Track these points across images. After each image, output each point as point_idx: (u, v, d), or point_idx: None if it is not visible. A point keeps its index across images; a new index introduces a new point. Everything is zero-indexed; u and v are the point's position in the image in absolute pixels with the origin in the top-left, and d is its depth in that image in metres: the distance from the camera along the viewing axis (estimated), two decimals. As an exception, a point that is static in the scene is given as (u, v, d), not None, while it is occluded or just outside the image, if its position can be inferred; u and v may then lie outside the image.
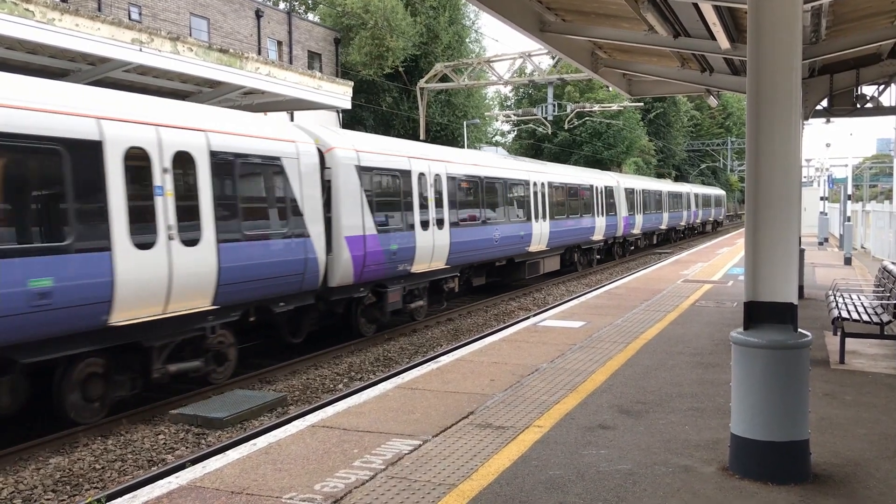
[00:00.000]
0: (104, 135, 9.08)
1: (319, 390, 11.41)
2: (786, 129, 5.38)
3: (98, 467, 8.18)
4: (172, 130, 10.09)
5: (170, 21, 28.41)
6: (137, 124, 9.62)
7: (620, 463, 5.81)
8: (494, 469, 5.70)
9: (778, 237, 5.39)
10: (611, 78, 15.39)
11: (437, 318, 17.36)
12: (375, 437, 6.56)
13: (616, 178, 33.97)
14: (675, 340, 10.91)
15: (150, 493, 5.42)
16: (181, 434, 9.25)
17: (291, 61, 34.37)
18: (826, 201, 39.99)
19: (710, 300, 15.30)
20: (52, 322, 8.40)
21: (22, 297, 8.03)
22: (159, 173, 9.78)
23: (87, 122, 8.93)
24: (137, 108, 9.90)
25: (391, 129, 38.55)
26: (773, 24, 5.36)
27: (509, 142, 61.78)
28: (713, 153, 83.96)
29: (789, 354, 5.29)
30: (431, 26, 41.48)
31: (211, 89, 15.11)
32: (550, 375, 8.78)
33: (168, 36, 13.11)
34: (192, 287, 10.17)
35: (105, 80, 12.77)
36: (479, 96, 46.99)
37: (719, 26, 9.82)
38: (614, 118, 52.12)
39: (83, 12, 11.85)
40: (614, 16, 10.94)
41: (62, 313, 8.46)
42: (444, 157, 17.77)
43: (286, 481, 5.54)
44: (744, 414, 5.42)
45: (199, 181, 10.43)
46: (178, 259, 9.91)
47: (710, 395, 7.83)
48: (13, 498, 7.37)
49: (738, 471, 5.50)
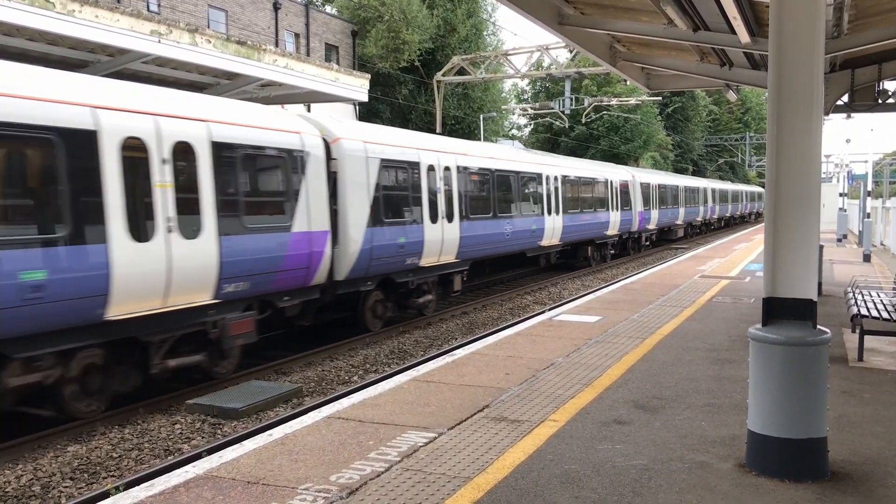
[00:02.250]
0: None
1: (334, 382, 11.45)
2: (807, 124, 5.34)
3: (115, 456, 8.24)
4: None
5: (188, 13, 28.50)
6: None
7: (636, 458, 5.79)
8: (510, 462, 5.70)
9: (798, 233, 5.35)
10: (629, 72, 15.29)
11: (451, 312, 17.36)
12: (391, 429, 6.58)
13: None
14: (692, 336, 10.86)
15: (168, 481, 5.46)
16: (197, 424, 9.30)
17: (309, 54, 34.41)
18: (845, 198, 39.62)
19: (726, 296, 15.22)
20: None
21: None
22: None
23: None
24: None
25: (408, 122, 38.54)
26: (796, 18, 5.30)
27: (526, 135, 61.63)
28: (731, 148, 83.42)
29: (808, 351, 5.26)
30: (448, 19, 41.42)
31: (229, 81, 15.15)
32: (566, 370, 8.77)
33: (186, 27, 13.15)
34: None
35: (124, 72, 12.84)
36: (496, 90, 46.89)
37: (740, 20, 9.73)
38: (632, 112, 51.86)
39: (103, 3, 11.91)
40: (633, 9, 10.87)
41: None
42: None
43: (302, 472, 5.56)
44: (761, 410, 5.39)
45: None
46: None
47: (726, 391, 7.79)
48: (32, 485, 7.45)
49: (755, 467, 5.47)
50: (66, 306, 8.42)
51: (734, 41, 11.05)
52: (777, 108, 5.41)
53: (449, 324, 16.29)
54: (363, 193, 13.62)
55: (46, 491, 7.35)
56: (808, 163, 5.35)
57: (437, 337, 14.88)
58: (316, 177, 12.44)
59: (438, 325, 16.15)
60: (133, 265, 9.13)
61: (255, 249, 11.03)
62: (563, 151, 49.37)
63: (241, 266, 10.78)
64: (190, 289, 9.99)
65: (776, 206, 5.42)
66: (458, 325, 16.21)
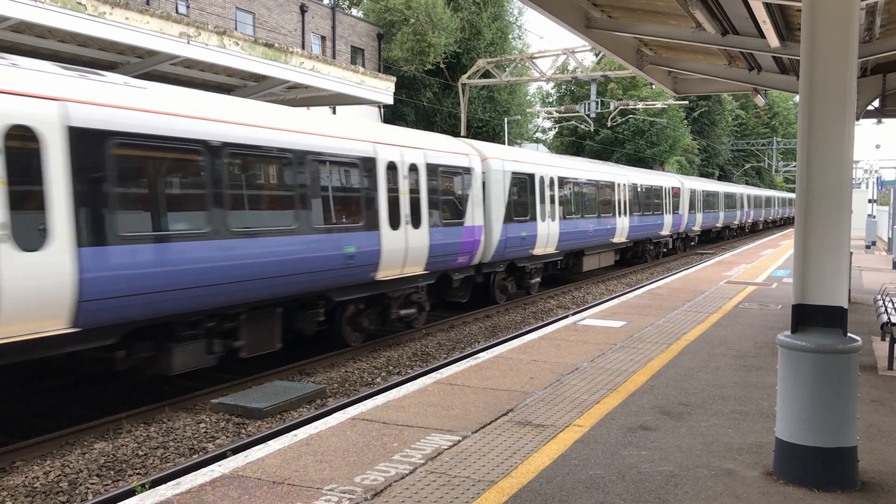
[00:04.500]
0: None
1: (358, 383, 11.48)
2: (839, 129, 5.28)
3: (141, 454, 8.31)
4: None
5: (216, 15, 28.75)
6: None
7: (662, 464, 5.75)
8: (534, 467, 5.68)
9: (828, 239, 5.29)
10: (656, 75, 15.20)
11: (474, 315, 17.35)
12: (415, 431, 6.58)
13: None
14: (718, 342, 10.77)
15: (194, 480, 5.50)
16: (221, 423, 9.36)
17: (335, 56, 34.58)
18: (874, 204, 39.13)
19: (753, 302, 15.08)
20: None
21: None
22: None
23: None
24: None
25: (433, 125, 38.57)
26: (829, 22, 5.25)
27: (550, 139, 61.43)
28: (758, 153, 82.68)
29: (838, 359, 5.19)
30: (474, 22, 41.41)
31: (256, 83, 15.26)
32: (591, 375, 8.73)
33: (215, 30, 13.26)
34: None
35: (152, 73, 12.97)
36: (521, 93, 46.82)
37: (769, 24, 9.64)
38: (658, 116, 51.53)
39: (133, 6, 12.04)
40: (661, 12, 10.80)
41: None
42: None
43: (326, 473, 5.58)
44: (790, 418, 5.33)
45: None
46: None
47: (753, 398, 7.71)
48: (60, 481, 7.53)
49: (782, 476, 5.41)
50: (361, 270, 12.61)
51: (763, 45, 10.95)
52: (808, 112, 5.35)
53: (472, 327, 16.27)
54: (501, 198, 17.82)
55: (74, 487, 7.43)
56: (839, 168, 5.29)
57: (461, 340, 14.87)
58: (476, 185, 16.76)
59: (461, 328, 16.15)
60: (389, 245, 13.32)
61: (446, 236, 15.26)
62: (587, 155, 49.24)
63: (440, 248, 15.01)
64: (414, 262, 14.29)
65: (807, 211, 5.36)
66: (480, 328, 16.19)
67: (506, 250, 17.93)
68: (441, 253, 15.07)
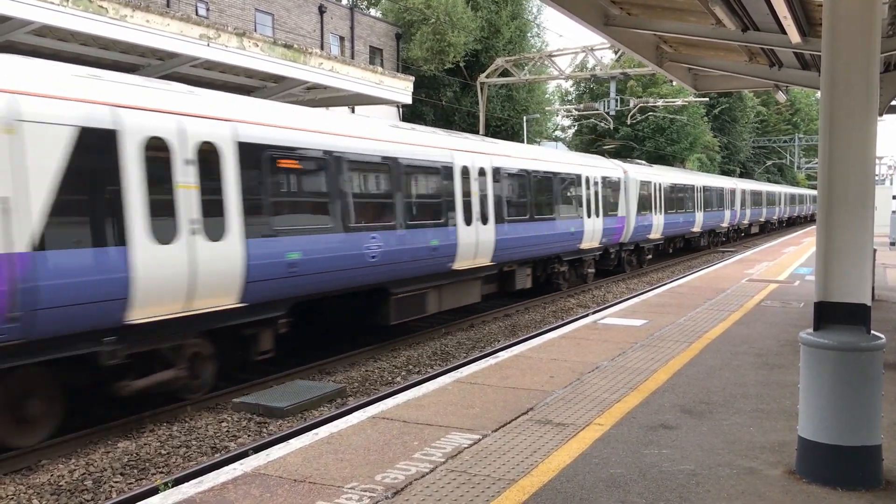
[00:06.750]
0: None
1: (378, 382, 11.51)
2: (861, 125, 5.22)
3: (164, 452, 8.39)
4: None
5: (235, 16, 28.92)
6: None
7: (683, 463, 5.73)
8: (555, 466, 5.68)
9: (851, 236, 5.24)
10: (676, 72, 15.10)
11: (493, 314, 17.35)
12: (435, 430, 6.60)
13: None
14: (740, 340, 10.69)
15: (216, 478, 5.54)
16: (243, 422, 9.43)
17: (353, 56, 34.67)
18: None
19: (775, 300, 14.96)
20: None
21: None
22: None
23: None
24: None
25: (451, 124, 38.58)
26: (850, 17, 5.20)
27: (569, 137, 61.19)
28: (780, 150, 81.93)
29: (862, 357, 5.14)
30: (493, 21, 41.35)
31: (275, 84, 15.33)
32: (611, 373, 8.70)
33: (234, 31, 13.35)
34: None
35: (173, 75, 13.07)
36: (540, 91, 46.69)
37: (790, 19, 9.55)
38: (678, 113, 51.18)
39: (153, 8, 12.15)
40: (680, 9, 10.73)
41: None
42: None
43: (347, 471, 5.60)
44: (812, 416, 5.29)
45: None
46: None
47: (775, 396, 7.66)
48: (84, 479, 7.62)
49: (805, 474, 5.37)
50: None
51: (784, 41, 10.85)
52: (830, 108, 5.30)
53: (491, 326, 16.27)
54: (634, 199, 25.61)
55: (98, 485, 7.52)
56: (861, 165, 5.24)
57: (480, 339, 14.87)
58: (623, 190, 24.85)
59: (481, 327, 16.15)
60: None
61: (610, 221, 23.54)
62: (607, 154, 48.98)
63: (608, 232, 23.58)
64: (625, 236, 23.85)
65: (829, 208, 5.31)
66: (500, 327, 16.18)
67: (635, 234, 25.93)
68: (608, 234, 23.30)
